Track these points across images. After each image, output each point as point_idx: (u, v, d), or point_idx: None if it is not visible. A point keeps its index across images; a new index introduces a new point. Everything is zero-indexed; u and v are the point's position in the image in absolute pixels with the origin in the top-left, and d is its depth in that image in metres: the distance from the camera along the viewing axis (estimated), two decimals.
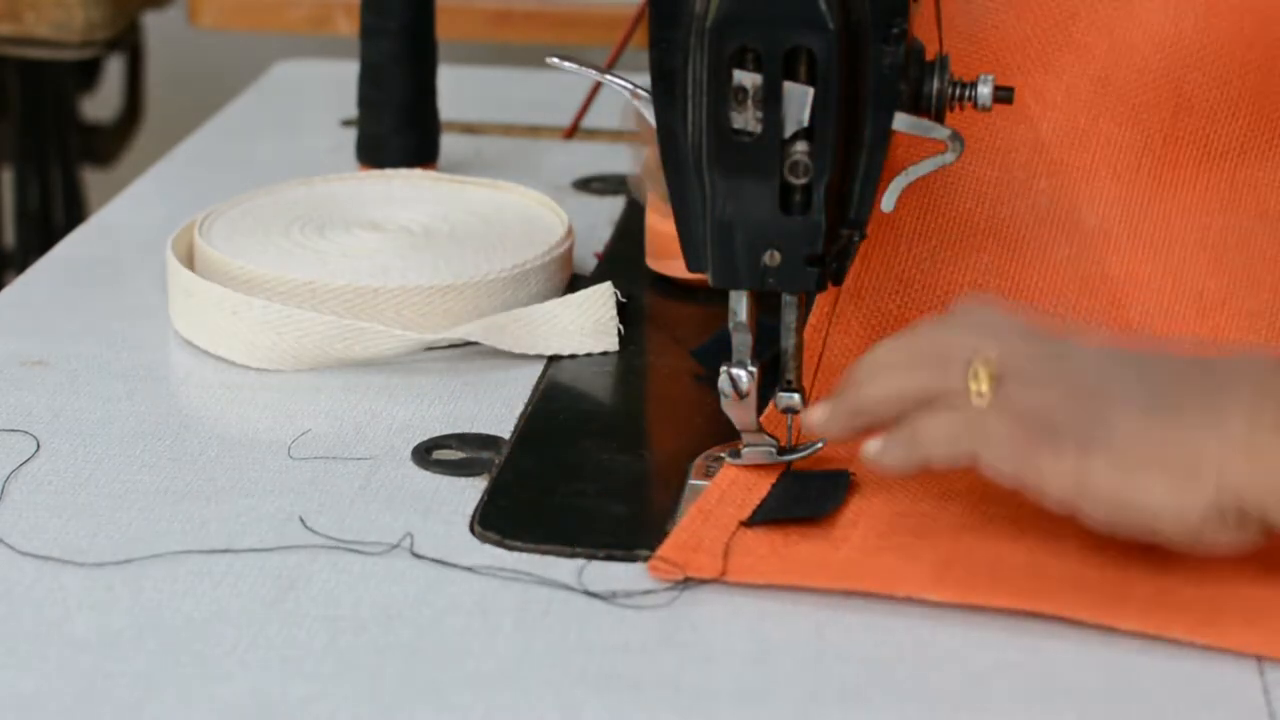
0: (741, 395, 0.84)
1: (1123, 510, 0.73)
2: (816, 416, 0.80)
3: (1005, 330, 0.78)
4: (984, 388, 0.74)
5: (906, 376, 0.78)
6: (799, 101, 0.79)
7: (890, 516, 0.82)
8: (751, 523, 0.81)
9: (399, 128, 1.21)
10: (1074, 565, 0.78)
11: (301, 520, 0.82)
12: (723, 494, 0.83)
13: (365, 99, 1.21)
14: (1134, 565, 0.78)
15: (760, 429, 0.85)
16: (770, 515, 0.82)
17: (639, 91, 0.84)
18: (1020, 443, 0.74)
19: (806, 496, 0.83)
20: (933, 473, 0.79)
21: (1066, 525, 0.78)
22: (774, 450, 0.85)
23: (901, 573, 0.78)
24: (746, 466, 0.85)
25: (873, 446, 0.78)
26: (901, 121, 0.81)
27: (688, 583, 0.78)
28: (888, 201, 0.84)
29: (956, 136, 0.82)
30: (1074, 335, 0.79)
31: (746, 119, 0.79)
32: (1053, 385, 0.75)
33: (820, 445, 0.85)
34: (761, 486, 0.84)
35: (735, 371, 0.84)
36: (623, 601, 0.77)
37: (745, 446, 0.85)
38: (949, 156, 0.83)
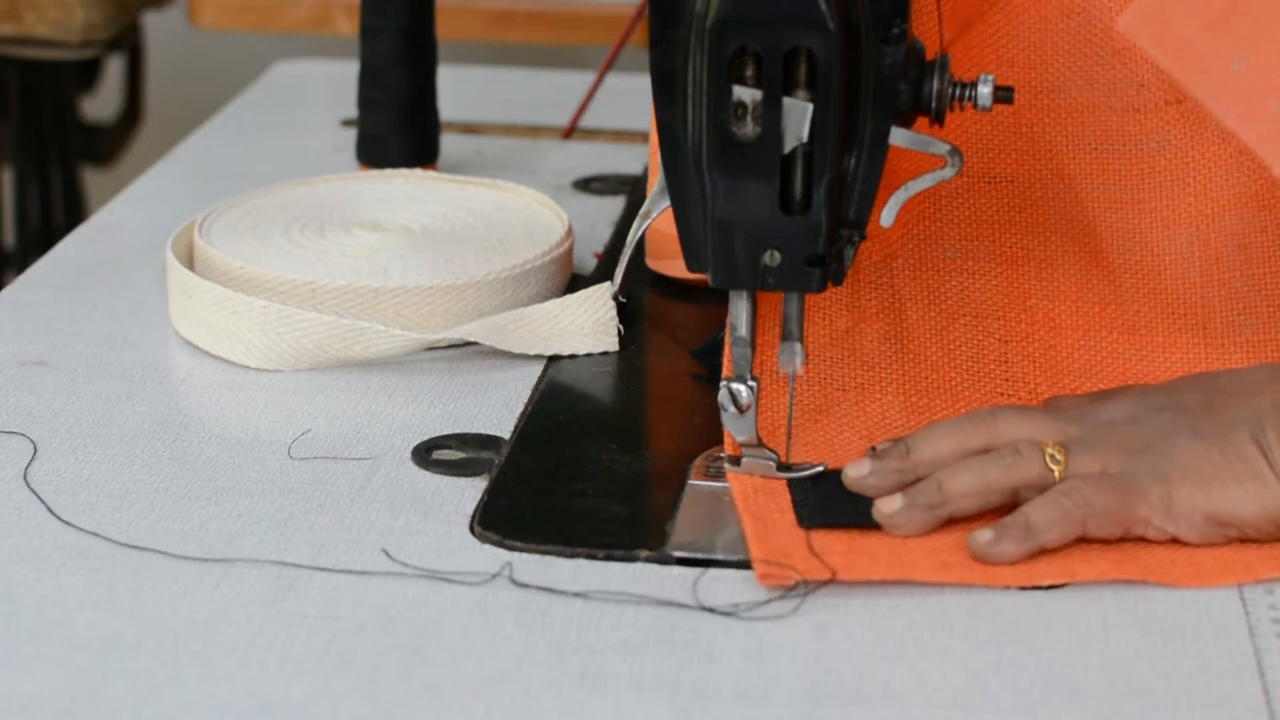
0: (741, 410, 0.84)
1: (1216, 524, 0.80)
2: (889, 508, 0.81)
3: (1043, 414, 0.85)
4: (1064, 468, 0.81)
5: (987, 471, 0.82)
6: (798, 117, 0.79)
7: None
8: (807, 525, 0.82)
9: (399, 128, 1.21)
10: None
11: (385, 552, 0.80)
12: (758, 499, 0.83)
13: (365, 99, 1.21)
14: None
15: (760, 443, 0.85)
16: (821, 521, 0.82)
17: None
18: (1116, 501, 0.80)
19: (839, 499, 0.83)
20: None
21: None
22: (774, 465, 0.85)
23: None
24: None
25: (984, 537, 0.80)
26: (900, 136, 0.81)
27: (798, 587, 0.78)
28: (887, 217, 0.84)
29: (956, 152, 0.82)
30: (1093, 402, 0.87)
31: (746, 133, 0.79)
32: (1113, 446, 0.82)
33: (821, 468, 0.85)
34: (780, 485, 0.85)
35: (735, 386, 0.84)
36: (625, 602, 0.77)
37: (744, 459, 0.85)
38: (948, 172, 0.83)
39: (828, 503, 0.83)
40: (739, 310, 0.83)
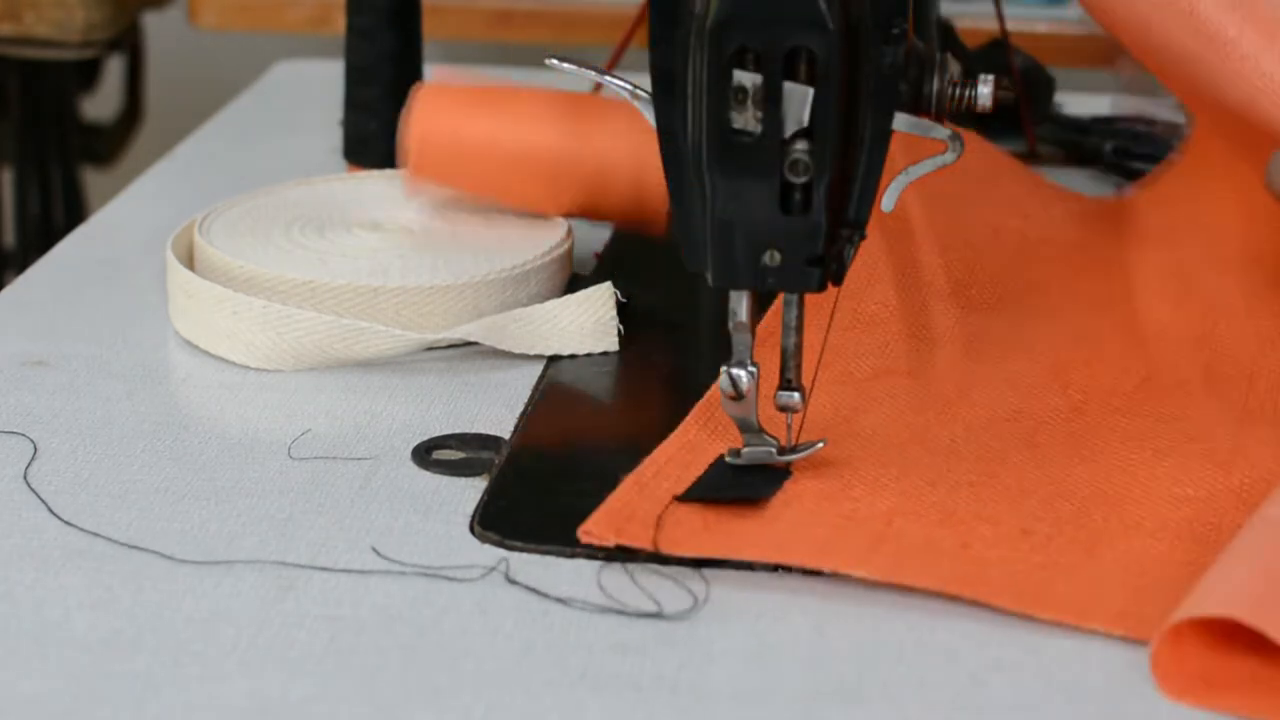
0: (740, 395, 0.84)
1: None
2: None
3: None
4: None
5: None
6: (799, 101, 0.79)
7: (822, 499, 0.83)
8: (684, 499, 0.82)
9: (383, 129, 1.20)
10: (1006, 552, 0.79)
11: (375, 550, 0.80)
12: (659, 469, 0.84)
13: (350, 100, 1.21)
14: (1066, 554, 0.79)
15: (760, 429, 0.85)
16: (703, 494, 0.82)
17: (639, 92, 0.84)
18: None
19: (741, 483, 0.83)
20: (865, 459, 0.84)
21: (1002, 514, 0.81)
22: (774, 450, 0.85)
23: (832, 547, 0.78)
24: (689, 442, 0.86)
25: None
26: (901, 121, 0.81)
27: (617, 556, 0.78)
28: (888, 201, 0.84)
29: (956, 136, 0.82)
30: None
31: (746, 119, 0.79)
32: None
33: (821, 445, 0.85)
34: (698, 466, 0.85)
35: (735, 371, 0.83)
36: (621, 602, 0.77)
37: (745, 446, 0.85)
38: (949, 156, 0.83)
39: (732, 480, 0.83)
40: (739, 297, 0.83)
